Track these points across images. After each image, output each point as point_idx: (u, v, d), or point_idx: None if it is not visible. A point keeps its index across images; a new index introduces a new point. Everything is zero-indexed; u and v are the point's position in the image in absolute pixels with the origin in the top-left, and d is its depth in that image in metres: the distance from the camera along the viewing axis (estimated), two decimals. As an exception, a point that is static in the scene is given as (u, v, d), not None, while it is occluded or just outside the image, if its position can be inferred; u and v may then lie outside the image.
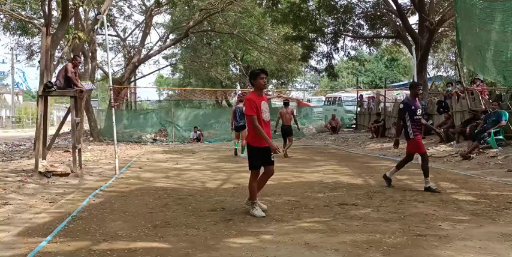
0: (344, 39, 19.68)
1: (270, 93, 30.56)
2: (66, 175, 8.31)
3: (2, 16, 19.04)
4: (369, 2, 19.03)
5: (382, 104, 19.96)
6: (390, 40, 20.82)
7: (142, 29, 26.34)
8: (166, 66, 34.65)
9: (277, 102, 27.12)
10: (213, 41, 29.09)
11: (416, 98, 7.01)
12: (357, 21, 19.13)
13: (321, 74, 23.63)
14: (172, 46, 28.84)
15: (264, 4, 19.30)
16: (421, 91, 7.21)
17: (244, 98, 4.87)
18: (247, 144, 5.31)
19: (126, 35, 28.61)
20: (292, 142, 13.01)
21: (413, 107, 6.84)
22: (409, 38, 16.65)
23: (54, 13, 17.37)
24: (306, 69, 28.78)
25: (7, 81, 52.17)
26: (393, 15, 17.55)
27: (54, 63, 12.13)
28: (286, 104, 13.38)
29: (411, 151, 7.11)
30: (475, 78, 14.44)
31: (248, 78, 5.31)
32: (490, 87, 14.89)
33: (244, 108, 13.38)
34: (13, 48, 35.61)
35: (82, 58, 17.42)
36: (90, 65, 19.16)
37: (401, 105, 7.01)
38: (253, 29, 25.90)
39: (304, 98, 38.66)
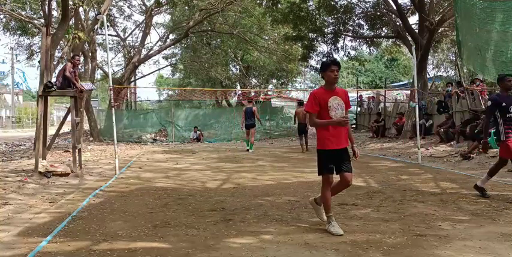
0: (344, 39, 19.68)
1: (269, 93, 30.61)
2: (66, 175, 8.31)
3: (2, 16, 19.05)
4: (369, 2, 19.03)
5: (382, 104, 19.97)
6: (390, 40, 20.81)
7: (142, 29, 26.35)
8: (166, 66, 34.68)
9: (277, 102, 27.12)
10: (213, 41, 29.09)
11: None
12: (357, 21, 19.12)
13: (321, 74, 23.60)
14: (172, 46, 28.85)
15: (264, 4, 19.28)
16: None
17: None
18: (316, 149, 4.62)
19: (126, 35, 28.65)
20: (307, 138, 14.15)
21: (504, 104, 5.91)
22: (409, 38, 16.64)
23: (54, 13, 17.39)
24: (306, 69, 28.73)
25: (7, 81, 52.24)
26: (393, 15, 17.54)
27: (54, 63, 12.14)
28: (300, 103, 14.69)
29: (503, 155, 6.09)
30: (474, 79, 14.44)
31: (319, 72, 4.65)
32: (490, 87, 14.89)
33: (253, 108, 14.37)
34: (13, 48, 35.68)
35: (82, 58, 17.44)
36: (90, 65, 19.17)
37: (489, 103, 6.12)
38: (253, 29, 25.91)
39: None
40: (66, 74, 8.60)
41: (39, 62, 9.92)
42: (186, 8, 24.95)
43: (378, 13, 18.38)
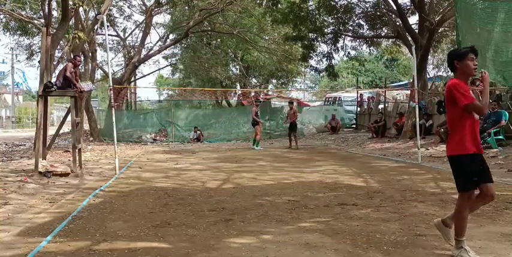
0: (344, 39, 19.67)
1: (270, 93, 30.62)
2: (66, 175, 8.31)
3: (1, 16, 19.05)
4: (369, 2, 19.01)
5: (382, 104, 19.95)
6: (390, 40, 20.79)
7: (142, 29, 26.35)
8: (166, 66, 34.69)
9: (277, 102, 27.12)
10: (213, 41, 29.09)
11: None
12: (357, 21, 19.11)
13: (321, 74, 23.60)
14: (172, 46, 28.85)
15: (264, 4, 19.28)
16: None
17: (449, 84, 3.74)
18: (450, 157, 3.80)
19: (126, 35, 28.65)
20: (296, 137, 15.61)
21: None
22: (409, 38, 16.63)
23: (54, 13, 17.41)
24: (306, 69, 28.73)
25: (7, 81, 52.16)
26: (393, 15, 17.53)
27: (54, 63, 12.15)
28: (291, 103, 16.85)
29: None
30: (474, 79, 14.39)
31: (447, 60, 3.87)
32: (490, 87, 14.86)
33: (252, 108, 15.11)
34: (13, 48, 35.60)
35: (82, 58, 17.42)
36: (90, 65, 19.15)
37: None
38: (253, 29, 25.91)
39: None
40: (66, 75, 8.60)
41: (39, 62, 9.93)
42: (186, 8, 24.96)
43: (378, 13, 18.37)
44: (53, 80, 9.00)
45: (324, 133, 21.06)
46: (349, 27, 19.20)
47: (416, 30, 16.14)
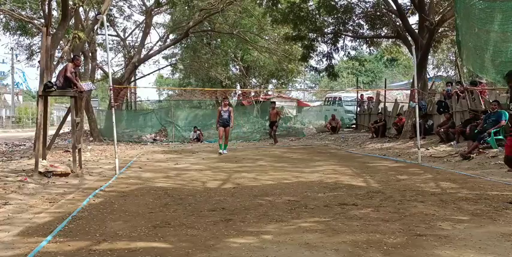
0: (344, 39, 19.65)
1: (270, 93, 30.62)
2: (66, 175, 8.31)
3: (1, 16, 19.06)
4: (369, 2, 18.99)
5: (382, 104, 19.95)
6: (390, 40, 20.79)
7: (142, 29, 26.37)
8: (166, 66, 34.67)
9: (277, 102, 27.13)
10: (213, 41, 29.09)
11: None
12: (357, 21, 19.09)
13: (321, 74, 23.60)
14: (172, 46, 28.85)
15: (264, 4, 19.29)
16: None
17: None
18: None
19: (126, 35, 28.68)
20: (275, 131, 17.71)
21: None
22: (409, 38, 16.63)
23: (54, 13, 17.43)
24: (306, 69, 28.74)
25: (7, 81, 52.14)
26: (393, 15, 17.53)
27: (54, 63, 12.15)
28: (273, 102, 18.69)
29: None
30: (474, 80, 14.39)
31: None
32: (490, 87, 14.87)
33: (230, 109, 14.60)
34: (13, 48, 35.63)
35: (82, 58, 17.45)
36: (90, 65, 19.17)
37: None
38: (253, 29, 25.91)
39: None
40: (67, 75, 8.59)
41: (39, 62, 9.93)
42: (186, 8, 24.96)
43: (378, 13, 18.36)
44: (53, 80, 9.00)
45: (324, 132, 21.06)
46: (349, 27, 19.19)
47: (416, 30, 16.14)
